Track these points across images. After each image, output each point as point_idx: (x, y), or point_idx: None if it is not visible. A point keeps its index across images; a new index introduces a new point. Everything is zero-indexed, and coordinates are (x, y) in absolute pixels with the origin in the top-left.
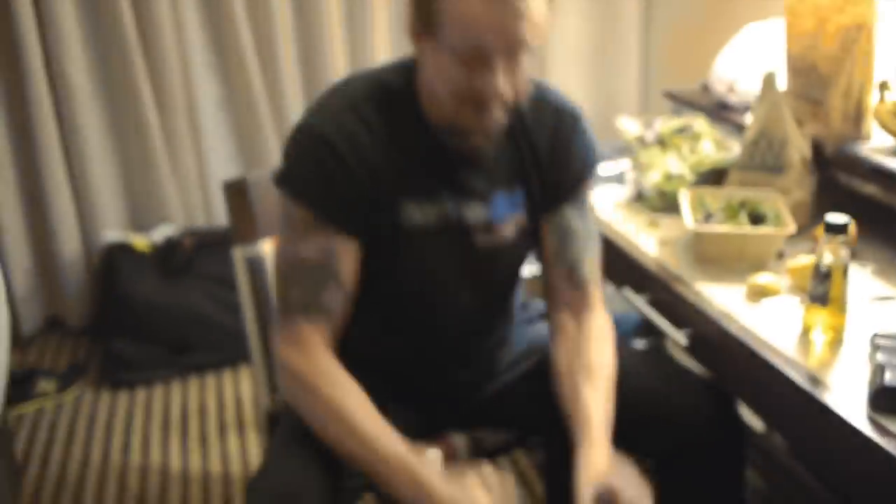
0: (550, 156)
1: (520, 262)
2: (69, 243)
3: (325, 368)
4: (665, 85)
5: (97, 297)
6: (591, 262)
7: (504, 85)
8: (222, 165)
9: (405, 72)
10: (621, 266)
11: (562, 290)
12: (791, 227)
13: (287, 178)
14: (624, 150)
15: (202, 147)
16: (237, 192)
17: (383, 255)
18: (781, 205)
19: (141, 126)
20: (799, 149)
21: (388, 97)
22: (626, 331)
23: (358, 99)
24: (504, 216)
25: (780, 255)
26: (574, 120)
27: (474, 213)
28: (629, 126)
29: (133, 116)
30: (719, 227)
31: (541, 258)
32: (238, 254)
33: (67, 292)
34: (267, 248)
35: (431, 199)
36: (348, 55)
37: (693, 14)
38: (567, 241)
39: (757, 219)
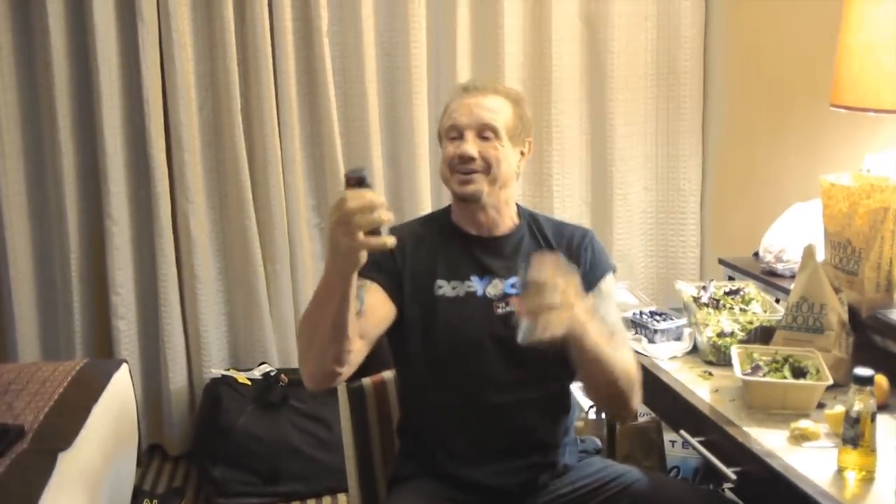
0: (576, 258)
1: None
2: (177, 378)
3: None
4: (720, 253)
5: (199, 426)
6: (617, 326)
7: (472, 147)
8: None
9: (445, 208)
10: (679, 411)
11: None
12: (829, 380)
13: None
14: (682, 309)
15: (299, 296)
16: None
17: (421, 319)
18: (821, 361)
19: (249, 275)
20: (837, 313)
21: (428, 217)
22: (687, 474)
23: (415, 221)
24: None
25: (821, 406)
26: (585, 232)
27: (494, 288)
28: (686, 288)
29: (242, 266)
30: (766, 379)
31: None
32: (342, 389)
33: (170, 423)
34: (368, 383)
35: (459, 278)
36: None
37: (746, 191)
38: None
39: (799, 372)
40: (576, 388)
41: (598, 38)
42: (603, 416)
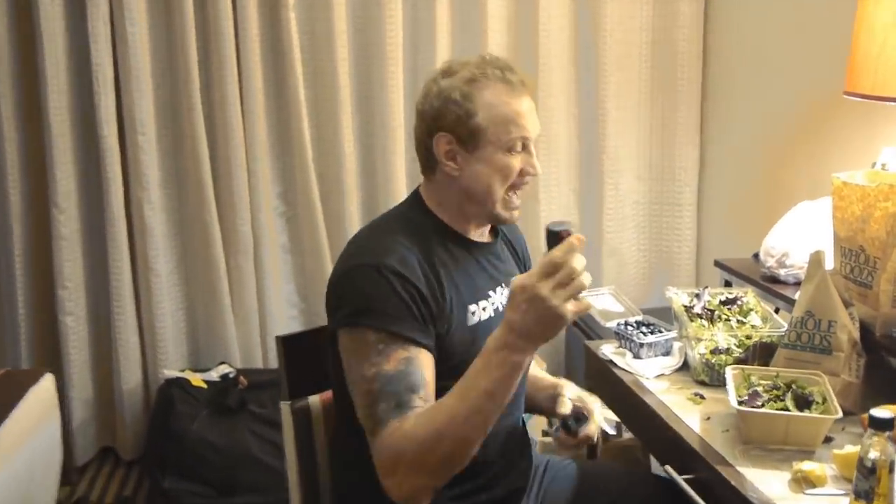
0: (525, 256)
1: None
2: (130, 378)
3: (413, 422)
4: (717, 251)
5: (149, 432)
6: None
7: (538, 163)
8: (283, 309)
9: (413, 206)
10: (665, 441)
11: None
12: (837, 412)
13: (362, 312)
14: (672, 318)
15: (264, 290)
16: (290, 346)
17: (456, 355)
18: (829, 388)
19: (209, 268)
20: (848, 331)
21: (412, 225)
22: None
23: (395, 233)
24: None
25: (828, 440)
26: (523, 238)
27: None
28: (677, 296)
29: (202, 258)
30: (765, 410)
31: None
32: (286, 408)
33: (123, 425)
34: (316, 402)
35: (484, 297)
36: None
37: (748, 186)
38: None
39: (803, 402)
40: None
41: (590, 14)
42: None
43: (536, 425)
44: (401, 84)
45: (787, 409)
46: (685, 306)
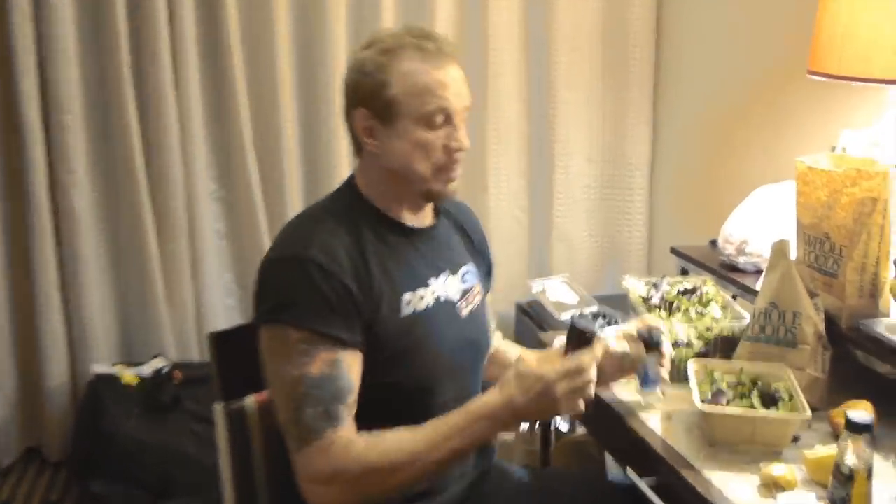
0: (480, 240)
1: (485, 335)
2: (56, 373)
3: (364, 444)
4: (671, 236)
5: (77, 432)
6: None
7: (465, 137)
8: (220, 298)
9: (346, 191)
10: (624, 442)
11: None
12: (807, 412)
13: (283, 308)
14: (628, 308)
15: (201, 279)
16: (223, 344)
17: (388, 348)
18: (795, 383)
19: (140, 255)
20: (813, 323)
21: (342, 213)
22: None
23: (323, 221)
24: (472, 285)
25: (795, 439)
26: (471, 211)
27: (453, 287)
28: (634, 286)
29: (133, 245)
30: (731, 410)
31: None
32: (220, 410)
33: (49, 424)
34: (252, 403)
35: (422, 284)
36: None
37: (703, 169)
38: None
39: (770, 399)
40: None
41: None
42: (536, 427)
43: None
44: (343, 62)
45: (754, 408)
46: (642, 297)
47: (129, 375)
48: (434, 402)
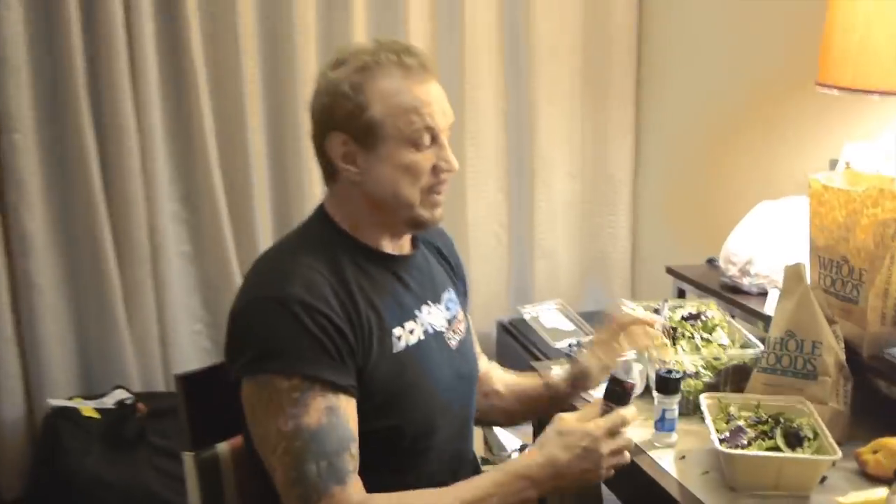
0: (457, 263)
1: (474, 356)
2: (10, 407)
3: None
4: (658, 255)
5: (33, 470)
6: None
7: (453, 157)
8: (187, 324)
9: (318, 221)
10: (632, 486)
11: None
12: (837, 453)
13: (268, 356)
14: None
15: (166, 303)
16: (193, 386)
17: (382, 392)
18: (818, 420)
19: (99, 281)
20: (834, 353)
21: (318, 244)
22: None
23: (299, 254)
24: (455, 313)
25: (822, 480)
26: (446, 234)
27: (438, 317)
28: (634, 311)
29: (92, 270)
30: (755, 452)
31: None
32: (190, 459)
33: (3, 461)
34: (226, 449)
35: (409, 317)
36: None
37: (690, 184)
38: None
39: (794, 438)
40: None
41: (518, 0)
42: None
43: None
44: (313, 75)
45: (778, 449)
46: None
47: (88, 409)
48: (433, 445)
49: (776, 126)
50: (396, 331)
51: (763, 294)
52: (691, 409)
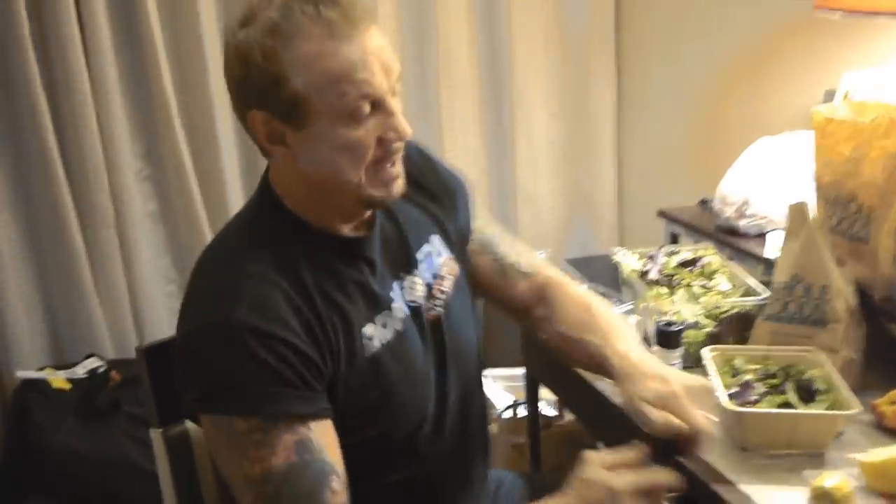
0: (437, 181)
1: (471, 316)
2: None
3: None
4: (646, 197)
5: (4, 446)
6: (522, 250)
7: (404, 123)
8: (158, 285)
9: (259, 206)
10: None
11: (526, 293)
12: (856, 406)
13: (220, 394)
14: (623, 284)
15: (134, 266)
16: (157, 359)
17: (360, 400)
18: (834, 371)
19: (62, 245)
20: (844, 297)
21: (266, 237)
22: None
23: (246, 261)
24: (437, 271)
25: (838, 435)
26: (420, 148)
27: (415, 291)
28: (627, 260)
29: (53, 234)
30: (767, 409)
31: (491, 288)
32: (157, 436)
33: None
34: (195, 426)
35: (382, 306)
36: None
37: (678, 120)
38: (496, 247)
39: (807, 392)
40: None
41: None
42: (522, 415)
43: None
44: None
45: (791, 405)
46: (638, 271)
47: (59, 379)
48: (428, 441)
49: (771, 56)
50: (367, 329)
51: (761, 235)
52: (692, 363)
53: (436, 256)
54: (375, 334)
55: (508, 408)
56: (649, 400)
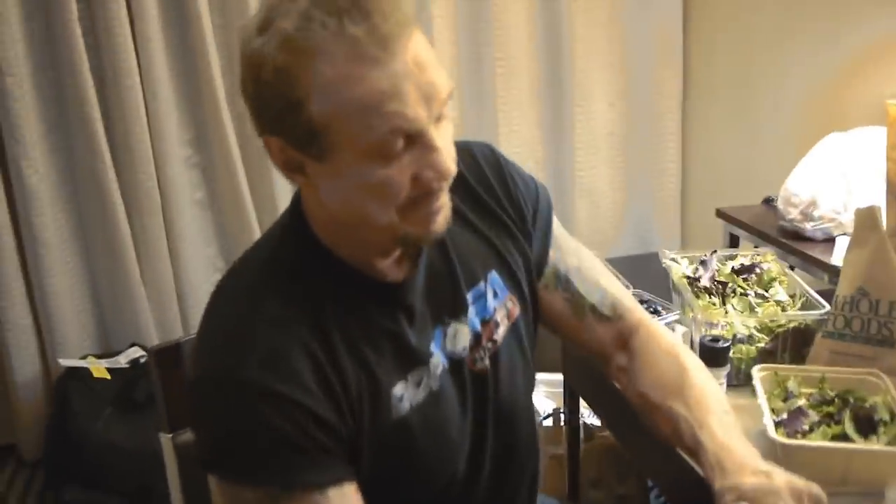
0: (502, 206)
1: (527, 360)
2: (26, 368)
3: None
4: (712, 193)
5: (48, 434)
6: (609, 285)
7: (448, 159)
8: (205, 274)
9: (286, 231)
10: (671, 477)
11: (605, 338)
12: None
13: (225, 458)
14: (670, 289)
15: (181, 254)
16: (168, 361)
17: (385, 467)
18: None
19: (110, 233)
20: None
21: (289, 273)
22: None
23: (264, 301)
24: (490, 316)
25: None
26: (492, 152)
27: (460, 340)
28: (676, 264)
29: (101, 222)
30: (818, 443)
31: (563, 328)
32: (167, 442)
33: (22, 422)
34: None
35: (420, 363)
36: None
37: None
38: (572, 283)
39: (867, 423)
40: None
41: None
42: (562, 424)
43: None
44: None
45: (846, 437)
46: (688, 277)
47: (99, 369)
48: (453, 493)
49: (850, 42)
50: (398, 389)
51: (829, 240)
52: (742, 380)
53: (490, 298)
54: (406, 394)
55: (549, 416)
56: (746, 495)
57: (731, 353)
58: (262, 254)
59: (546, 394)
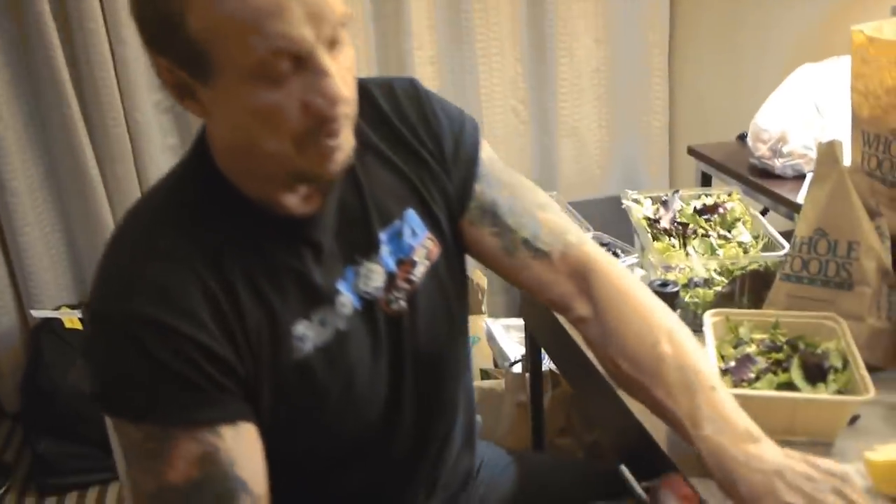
0: (422, 141)
1: (450, 303)
2: (3, 318)
3: None
4: (695, 131)
5: (21, 387)
6: (548, 218)
7: (342, 83)
8: None
9: (191, 166)
10: (619, 430)
11: (549, 277)
12: (869, 392)
13: (110, 394)
14: (632, 231)
15: None
16: None
17: (284, 411)
18: (851, 342)
19: (81, 181)
20: (875, 255)
21: (191, 207)
22: None
23: (162, 236)
24: (406, 255)
25: (854, 420)
26: (414, 87)
27: (373, 280)
28: (637, 204)
29: (72, 170)
30: (760, 392)
31: (497, 266)
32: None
33: (2, 374)
34: None
35: (326, 301)
36: None
37: (735, 45)
38: (500, 218)
39: (816, 370)
40: None
41: None
42: (525, 375)
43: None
44: None
45: (793, 385)
46: (648, 218)
47: (72, 319)
48: (369, 463)
49: None
50: (299, 328)
51: (800, 178)
52: (698, 326)
53: (408, 236)
54: (309, 334)
55: (516, 362)
56: (743, 497)
57: (686, 298)
58: (162, 192)
59: (519, 339)
